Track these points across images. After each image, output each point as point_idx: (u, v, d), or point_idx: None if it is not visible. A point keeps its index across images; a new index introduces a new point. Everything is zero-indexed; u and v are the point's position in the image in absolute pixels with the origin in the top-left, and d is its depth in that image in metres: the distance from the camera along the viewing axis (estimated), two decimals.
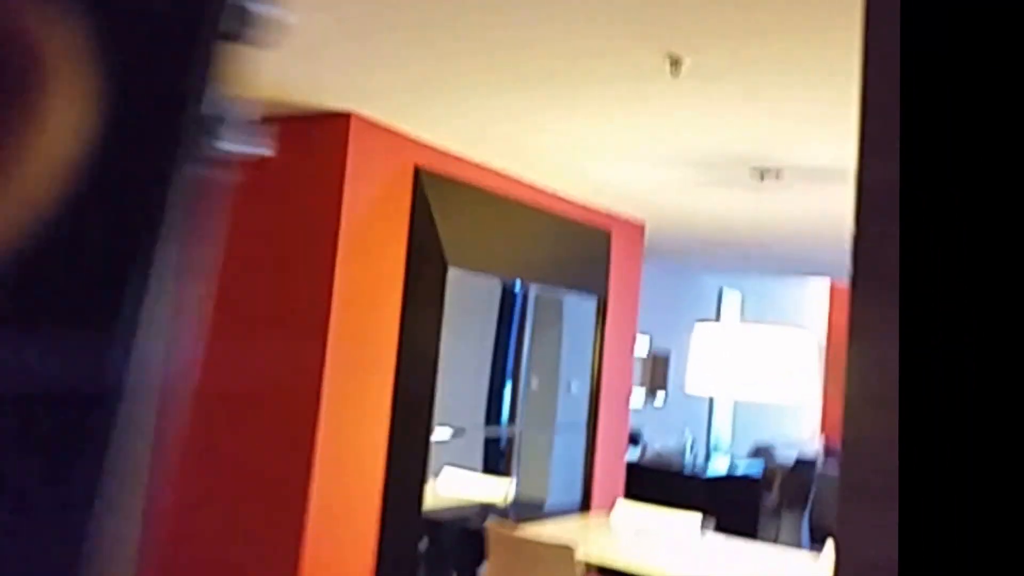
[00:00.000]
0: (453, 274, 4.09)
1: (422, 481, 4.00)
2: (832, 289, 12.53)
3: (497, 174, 4.62)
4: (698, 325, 3.58)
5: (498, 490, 4.65)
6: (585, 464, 5.45)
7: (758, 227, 5.62)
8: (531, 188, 4.90)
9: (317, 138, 3.79)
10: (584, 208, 5.40)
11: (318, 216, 3.75)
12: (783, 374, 3.55)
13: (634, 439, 7.45)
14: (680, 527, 4.30)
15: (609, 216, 5.66)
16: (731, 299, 9.90)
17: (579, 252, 5.31)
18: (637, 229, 6.01)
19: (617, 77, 2.88)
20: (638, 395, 7.89)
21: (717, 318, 9.54)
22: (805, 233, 5.87)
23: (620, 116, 3.35)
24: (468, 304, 4.52)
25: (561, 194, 5.15)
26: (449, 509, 4.40)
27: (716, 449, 9.11)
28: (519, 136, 3.79)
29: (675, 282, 8.97)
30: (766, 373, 3.54)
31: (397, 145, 3.96)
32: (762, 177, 4.03)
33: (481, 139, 3.93)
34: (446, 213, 4.15)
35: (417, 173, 4.05)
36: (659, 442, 8.09)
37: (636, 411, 7.75)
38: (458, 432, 4.45)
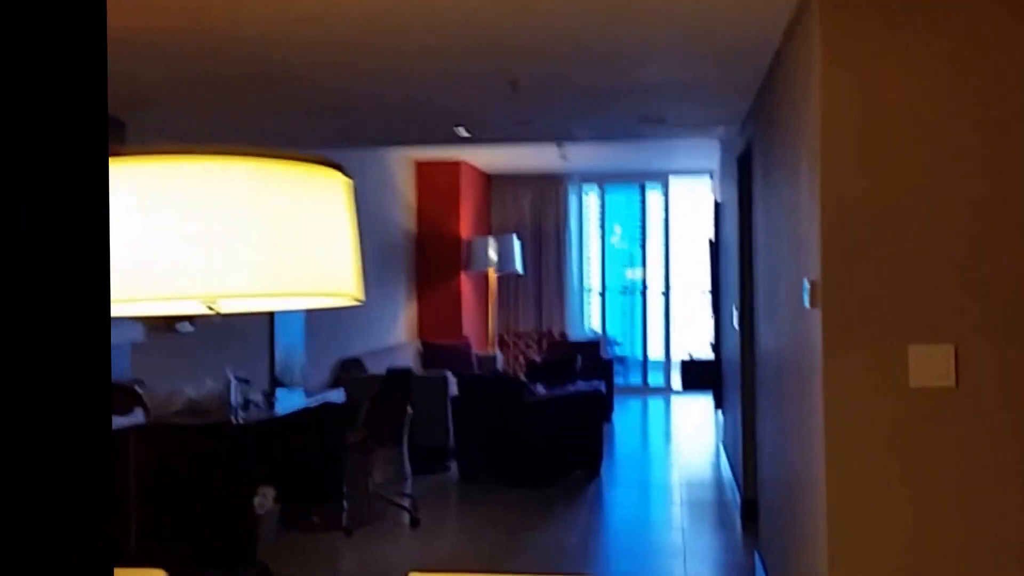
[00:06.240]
0: None
1: None
2: None
3: None
4: None
5: None
6: None
7: None
8: None
9: None
10: None
11: None
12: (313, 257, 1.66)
13: (132, 397, 5.30)
14: None
15: None
16: None
17: None
18: None
19: None
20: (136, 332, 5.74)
21: None
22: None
23: None
24: None
25: None
26: None
27: (286, 382, 7.25)
28: None
29: None
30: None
31: None
32: None
33: None
34: None
35: None
36: (191, 387, 6.10)
37: (139, 348, 5.71)
38: None
